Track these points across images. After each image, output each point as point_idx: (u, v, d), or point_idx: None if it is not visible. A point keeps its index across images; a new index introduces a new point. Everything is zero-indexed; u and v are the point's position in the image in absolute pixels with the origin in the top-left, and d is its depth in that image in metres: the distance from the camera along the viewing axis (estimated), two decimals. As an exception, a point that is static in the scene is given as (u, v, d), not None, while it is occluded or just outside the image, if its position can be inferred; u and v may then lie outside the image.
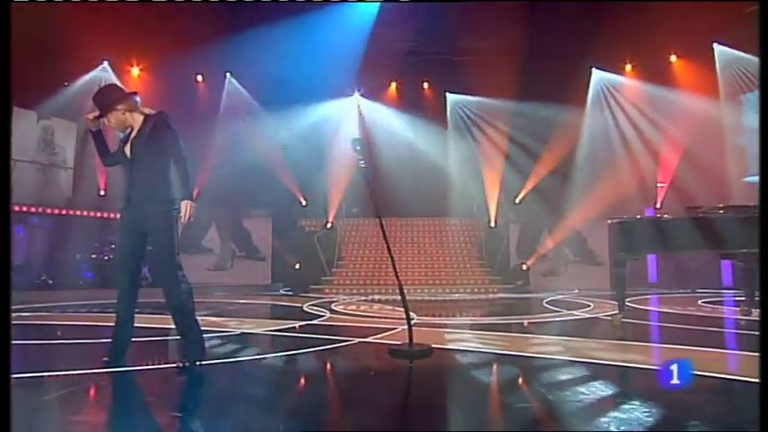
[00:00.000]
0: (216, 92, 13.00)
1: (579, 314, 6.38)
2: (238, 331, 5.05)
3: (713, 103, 11.50)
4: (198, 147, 11.53)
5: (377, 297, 9.46)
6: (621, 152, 11.53)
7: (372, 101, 14.12)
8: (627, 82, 12.54)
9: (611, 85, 12.54)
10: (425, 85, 14.56)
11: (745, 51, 11.18)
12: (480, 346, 4.26)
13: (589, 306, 7.17)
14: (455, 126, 13.17)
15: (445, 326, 5.71)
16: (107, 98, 3.29)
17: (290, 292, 10.22)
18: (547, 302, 8.05)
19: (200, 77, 13.32)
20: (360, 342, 4.40)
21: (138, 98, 3.34)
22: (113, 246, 10.94)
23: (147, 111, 3.32)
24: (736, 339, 4.84)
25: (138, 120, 3.29)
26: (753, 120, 11.79)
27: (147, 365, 3.37)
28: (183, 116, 11.51)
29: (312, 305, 7.81)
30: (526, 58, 11.70)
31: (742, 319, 5.70)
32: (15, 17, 2.45)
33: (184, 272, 3.26)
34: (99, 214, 11.45)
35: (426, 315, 6.50)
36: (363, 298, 9.27)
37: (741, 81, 11.41)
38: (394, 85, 14.52)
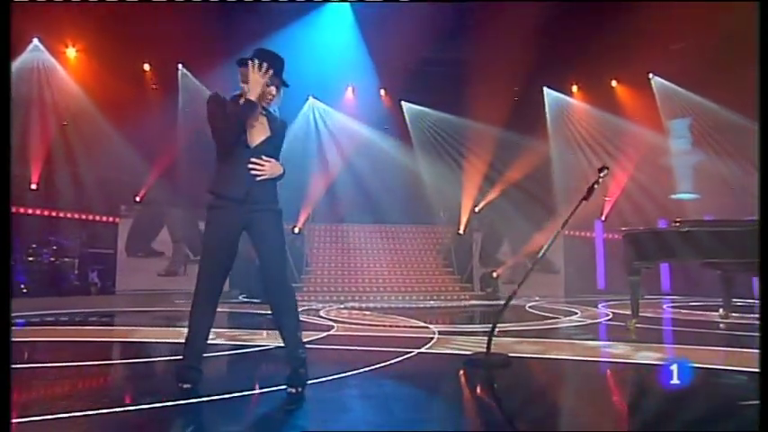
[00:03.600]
0: (166, 83, 12.04)
1: (584, 320, 6.70)
2: (272, 345, 4.69)
3: (648, 127, 12.73)
4: (149, 141, 10.64)
5: (351, 304, 9.27)
6: (574, 166, 12.36)
7: (328, 105, 13.90)
8: (575, 102, 13.48)
9: (562, 104, 13.40)
10: (382, 92, 14.62)
11: (673, 82, 12.53)
12: (547, 353, 4.31)
13: (577, 312, 7.57)
14: (416, 134, 13.32)
15: (470, 333, 5.72)
16: (280, 62, 2.83)
17: (254, 300, 9.68)
18: (530, 308, 8.39)
19: (147, 66, 12.27)
20: (419, 353, 4.27)
21: None
22: (55, 247, 9.69)
23: None
24: (738, 339, 5.35)
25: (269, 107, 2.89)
26: (677, 144, 13.27)
27: (240, 392, 2.97)
28: (131, 108, 10.68)
29: (304, 314, 7.48)
30: (482, 70, 12.16)
31: (722, 322, 6.37)
32: None
33: None
34: (32, 211, 10.04)
35: (429, 323, 6.48)
36: (341, 306, 9.03)
37: (670, 109, 12.75)
38: (350, 89, 14.43)
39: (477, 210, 12.37)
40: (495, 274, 10.53)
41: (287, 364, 2.79)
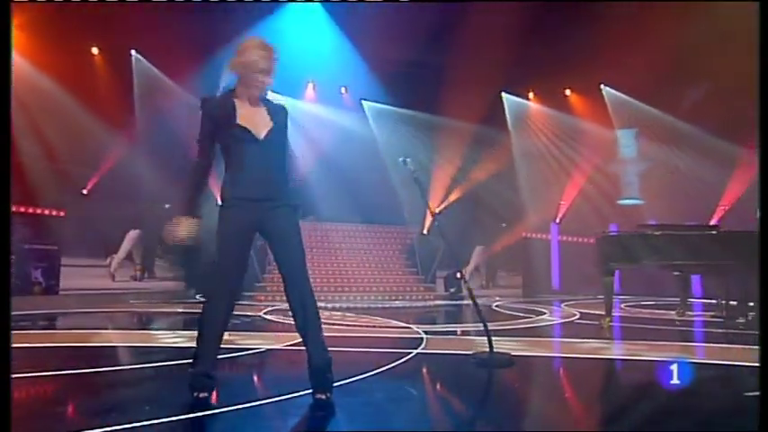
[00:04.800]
0: (118, 70, 11.28)
1: (556, 319, 6.93)
2: (262, 347, 4.51)
3: (600, 135, 13.39)
4: (100, 129, 9.97)
5: (320, 305, 9.10)
6: (536, 169, 12.79)
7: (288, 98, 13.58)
8: (532, 108, 13.94)
9: (520, 110, 13.81)
10: (343, 90, 14.48)
11: (624, 93, 13.23)
12: (537, 351, 4.40)
13: (545, 312, 7.82)
14: (381, 132, 13.27)
15: (455, 333, 5.76)
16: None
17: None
18: (497, 308, 8.58)
19: (95, 50, 11.46)
20: (417, 354, 4.24)
21: None
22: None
23: None
24: (703, 335, 5.71)
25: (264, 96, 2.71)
26: (624, 152, 14.05)
27: (260, 400, 2.80)
28: (80, 92, 9.93)
29: (268, 313, 7.28)
30: (443, 73, 12.32)
31: (678, 320, 6.78)
32: None
33: None
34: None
35: (408, 323, 6.47)
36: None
37: (621, 118, 13.44)
38: (311, 85, 14.18)
39: (437, 211, 12.50)
40: (458, 275, 10.68)
41: (311, 368, 2.64)
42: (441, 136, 12.19)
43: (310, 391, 2.63)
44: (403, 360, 3.89)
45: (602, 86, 13.60)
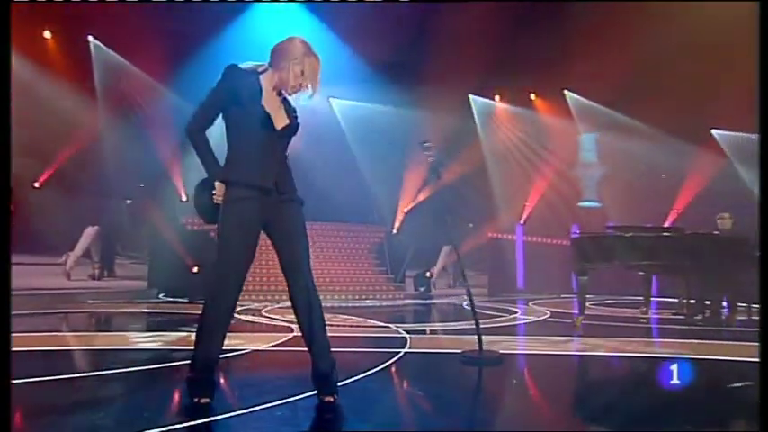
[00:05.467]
0: (74, 56, 10.68)
1: (529, 317, 7.08)
2: (248, 348, 4.39)
3: (562, 139, 13.81)
4: (57, 119, 9.44)
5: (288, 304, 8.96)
6: (499, 173, 13.04)
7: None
8: (499, 111, 14.22)
9: (488, 112, 14.06)
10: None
11: (587, 98, 13.68)
12: (519, 349, 4.49)
13: (516, 311, 7.99)
14: (350, 130, 13.17)
15: (436, 332, 5.80)
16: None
17: (179, 299, 9.00)
18: (467, 306, 8.69)
19: (47, 34, 10.81)
20: (407, 353, 4.23)
21: None
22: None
23: None
24: (659, 331, 5.99)
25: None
26: (584, 156, 14.56)
27: (264, 403, 2.72)
28: (28, 78, 9.34)
29: (242, 313, 7.11)
30: (414, 73, 12.38)
31: (643, 318, 7.09)
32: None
33: None
34: None
35: (388, 322, 6.48)
36: (280, 305, 8.69)
37: (585, 122, 13.89)
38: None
39: (405, 210, 12.57)
40: (428, 274, 10.78)
41: (318, 371, 2.56)
42: (413, 135, 12.20)
43: (308, 394, 2.57)
44: (395, 359, 3.89)
45: (565, 92, 14.04)
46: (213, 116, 2.48)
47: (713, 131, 12.41)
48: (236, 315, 6.99)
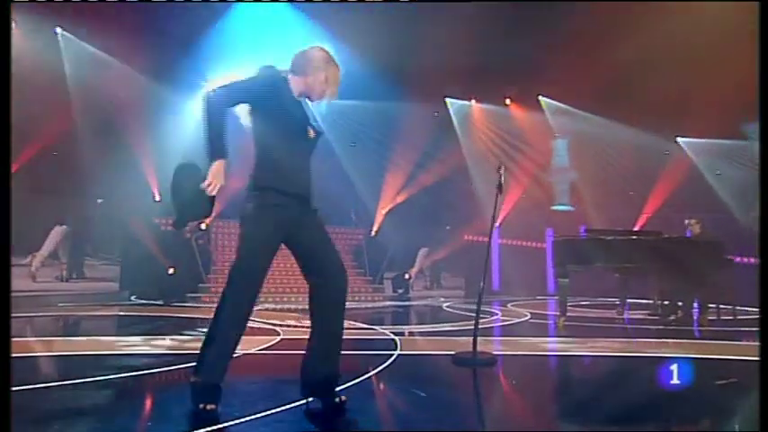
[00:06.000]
0: (42, 47, 10.23)
1: (512, 319, 7.17)
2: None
3: (538, 144, 14.09)
4: (19, 116, 9.02)
5: (269, 306, 8.86)
6: (475, 176, 13.20)
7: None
8: (476, 115, 14.40)
9: (464, 116, 14.21)
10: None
11: (561, 102, 13.96)
12: (523, 350, 4.56)
13: (497, 313, 8.09)
14: (330, 131, 13.06)
15: (423, 333, 5.81)
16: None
17: (155, 302, 8.76)
18: (448, 308, 8.77)
19: (12, 24, 10.33)
20: (400, 355, 4.23)
21: None
22: None
23: None
24: (638, 332, 6.17)
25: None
26: (557, 161, 14.90)
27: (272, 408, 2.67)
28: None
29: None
30: (392, 74, 12.40)
31: (619, 318, 7.30)
32: None
33: None
34: None
35: (372, 324, 6.47)
36: (257, 307, 8.55)
37: (559, 127, 14.20)
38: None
39: (384, 212, 12.58)
40: (406, 276, 10.81)
41: (327, 375, 2.53)
42: (392, 136, 12.24)
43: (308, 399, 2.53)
44: (389, 362, 3.89)
45: (540, 97, 14.32)
46: (237, 101, 2.41)
47: (679, 139, 12.90)
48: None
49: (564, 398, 3.22)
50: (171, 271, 9.03)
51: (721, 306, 6.97)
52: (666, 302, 7.05)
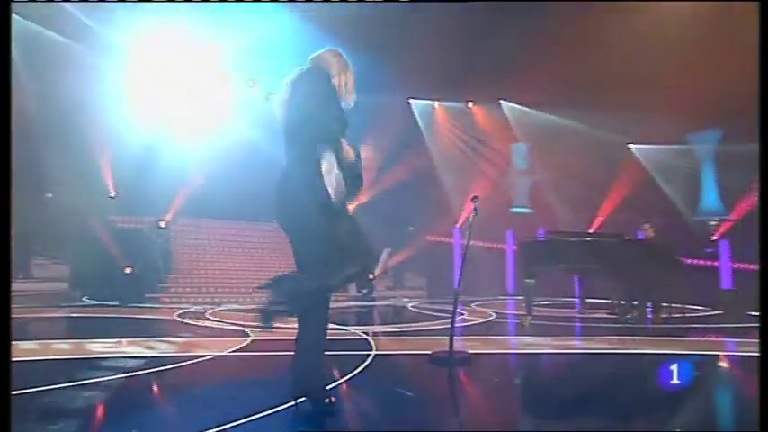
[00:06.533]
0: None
1: (478, 319, 7.30)
2: (211, 354, 4.18)
3: (499, 147, 14.43)
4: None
5: (233, 306, 8.65)
6: (441, 177, 13.37)
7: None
8: (439, 118, 14.60)
9: (428, 118, 14.37)
10: (251, 83, 13.88)
11: (523, 105, 14.29)
12: (496, 348, 4.65)
13: (463, 313, 8.20)
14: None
15: (391, 333, 5.82)
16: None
17: (109, 302, 8.37)
18: (413, 308, 8.84)
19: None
20: (377, 355, 4.23)
21: None
22: None
23: None
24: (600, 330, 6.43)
25: None
26: (517, 164, 15.29)
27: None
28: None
29: (187, 316, 6.76)
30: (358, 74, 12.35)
31: (581, 317, 7.58)
32: None
33: None
34: None
35: (340, 324, 6.44)
36: (219, 308, 8.34)
37: (516, 132, 14.58)
38: (217, 75, 13.37)
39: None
40: (371, 276, 10.77)
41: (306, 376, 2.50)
42: (356, 136, 12.18)
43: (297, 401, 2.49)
44: (367, 362, 3.88)
45: (501, 101, 14.65)
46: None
47: (630, 146, 13.51)
48: (178, 319, 6.65)
49: (542, 393, 3.31)
50: (128, 270, 8.65)
51: (673, 305, 7.34)
52: (624, 302, 7.36)
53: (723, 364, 4.39)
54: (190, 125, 10.72)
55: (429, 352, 4.15)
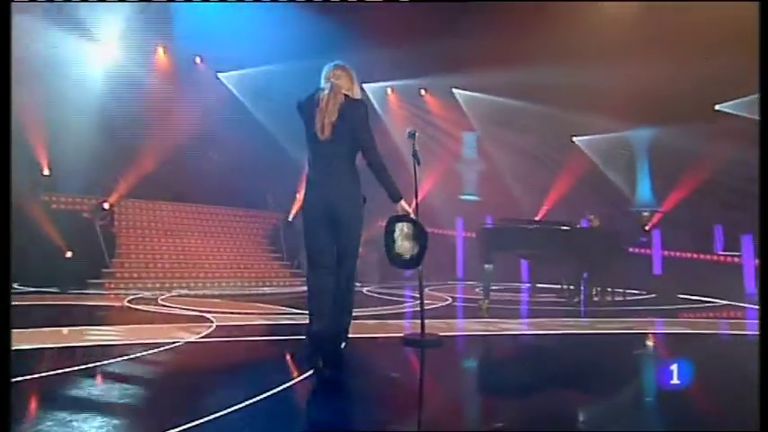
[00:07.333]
0: None
1: (435, 303, 7.44)
2: (181, 341, 4.03)
3: (451, 134, 14.66)
4: None
5: (184, 291, 8.36)
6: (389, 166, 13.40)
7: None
8: (392, 105, 14.62)
9: (381, 101, 14.35)
10: (198, 59, 13.27)
11: (475, 91, 14.49)
12: (465, 331, 4.77)
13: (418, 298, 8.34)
14: (244, 109, 12.44)
15: (365, 317, 5.84)
16: None
17: (47, 289, 7.84)
18: (369, 292, 8.88)
19: None
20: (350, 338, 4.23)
21: None
22: None
23: None
24: (553, 312, 6.76)
25: None
26: (466, 153, 15.63)
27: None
28: None
29: (139, 302, 6.46)
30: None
31: (532, 300, 7.94)
32: None
33: None
34: None
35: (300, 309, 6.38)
36: (171, 293, 8.02)
37: (468, 119, 14.82)
38: (161, 50, 12.67)
39: (300, 197, 12.31)
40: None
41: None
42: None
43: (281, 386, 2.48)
44: (342, 345, 3.88)
45: (453, 90, 14.85)
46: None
47: (575, 138, 14.14)
48: (130, 305, 6.35)
49: (507, 371, 3.45)
50: (68, 255, 8.10)
51: (616, 289, 7.83)
52: (572, 286, 7.78)
53: (660, 340, 4.78)
54: (135, 103, 10.15)
55: (401, 335, 4.21)
